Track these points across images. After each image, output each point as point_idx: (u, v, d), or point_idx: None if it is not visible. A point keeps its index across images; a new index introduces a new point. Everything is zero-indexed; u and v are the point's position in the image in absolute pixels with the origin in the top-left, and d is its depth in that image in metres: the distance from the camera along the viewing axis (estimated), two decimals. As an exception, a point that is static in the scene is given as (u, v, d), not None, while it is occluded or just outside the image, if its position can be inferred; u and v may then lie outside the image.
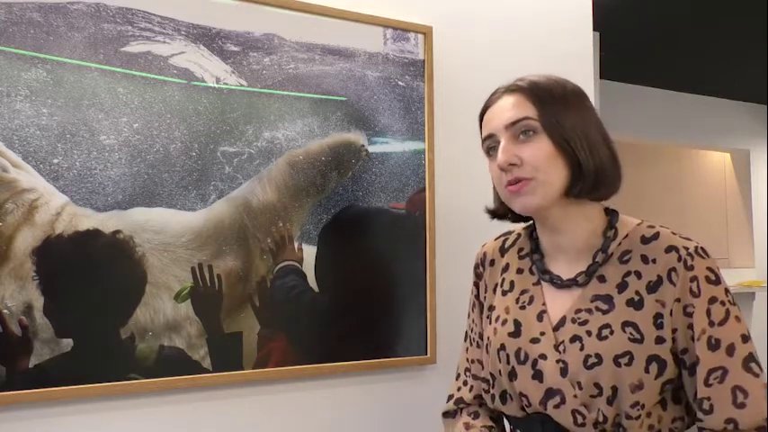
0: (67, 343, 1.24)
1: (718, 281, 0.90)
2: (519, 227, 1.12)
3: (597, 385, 0.89)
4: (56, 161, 1.25)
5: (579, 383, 0.91)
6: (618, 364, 0.88)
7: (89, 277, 1.26)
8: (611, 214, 1.00)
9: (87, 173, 1.28)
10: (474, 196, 1.67)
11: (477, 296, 1.14)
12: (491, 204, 1.09)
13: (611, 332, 0.90)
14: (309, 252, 1.48)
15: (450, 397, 1.15)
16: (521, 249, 1.08)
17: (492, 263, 1.12)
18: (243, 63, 1.43)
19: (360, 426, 1.54)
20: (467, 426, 1.07)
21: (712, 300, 0.88)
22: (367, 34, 1.57)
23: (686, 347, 0.89)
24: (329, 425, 1.51)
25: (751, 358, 0.87)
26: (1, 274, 1.20)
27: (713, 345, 0.87)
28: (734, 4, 3.36)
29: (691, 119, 5.18)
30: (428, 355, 1.59)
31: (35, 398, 1.21)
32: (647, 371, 0.88)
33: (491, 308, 1.08)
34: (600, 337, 0.90)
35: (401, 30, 1.61)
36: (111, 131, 1.30)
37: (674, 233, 0.95)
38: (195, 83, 1.38)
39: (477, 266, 1.15)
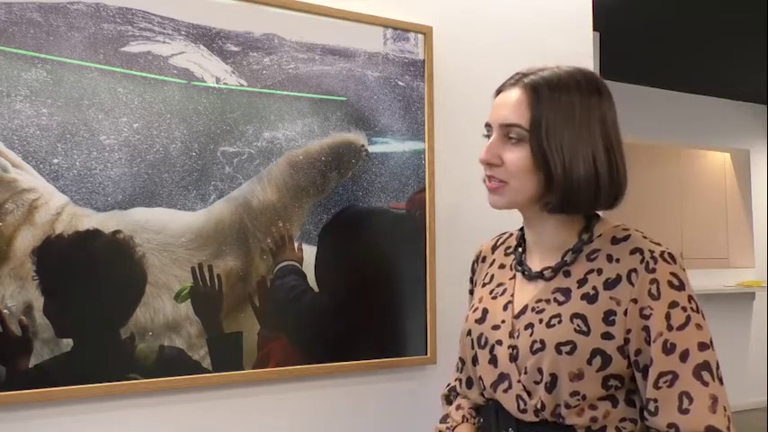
0: (67, 343, 1.24)
1: (681, 287, 0.91)
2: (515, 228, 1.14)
3: (540, 371, 0.93)
4: (56, 161, 1.25)
5: (525, 368, 0.94)
6: (559, 352, 0.91)
7: (89, 277, 1.26)
8: (591, 217, 1.01)
9: (87, 173, 1.28)
10: (474, 196, 1.68)
11: (471, 291, 1.20)
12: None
13: (560, 321, 0.93)
14: (309, 252, 1.48)
15: (448, 384, 1.22)
16: (508, 247, 1.12)
17: (483, 260, 1.17)
18: (243, 63, 1.43)
19: (360, 426, 1.54)
20: (458, 407, 1.12)
21: (673, 304, 0.89)
22: (367, 34, 1.57)
23: (640, 349, 0.91)
24: (329, 425, 1.51)
25: (705, 366, 0.88)
26: (1, 274, 1.20)
27: (668, 348, 0.88)
28: (734, 4, 3.36)
29: (691, 119, 5.18)
30: (428, 355, 1.60)
31: (35, 398, 1.21)
32: (589, 363, 0.90)
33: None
34: (548, 326, 0.94)
35: (401, 30, 1.61)
36: (111, 131, 1.30)
37: (644, 237, 0.96)
38: (195, 83, 1.38)
39: (472, 264, 1.21)
